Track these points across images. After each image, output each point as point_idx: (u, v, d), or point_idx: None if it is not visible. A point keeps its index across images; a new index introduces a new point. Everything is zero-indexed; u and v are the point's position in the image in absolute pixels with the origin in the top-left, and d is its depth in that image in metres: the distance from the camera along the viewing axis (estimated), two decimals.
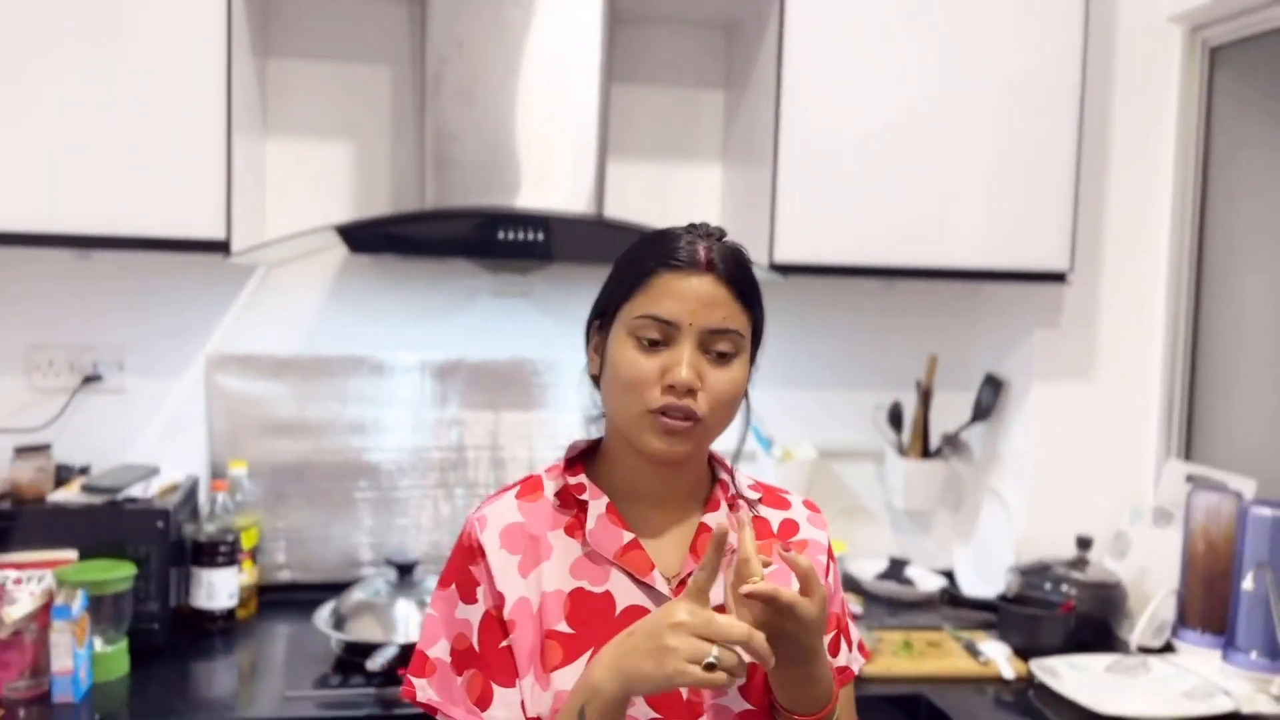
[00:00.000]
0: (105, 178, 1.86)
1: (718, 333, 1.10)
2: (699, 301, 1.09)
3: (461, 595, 1.14)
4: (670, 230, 1.15)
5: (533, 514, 1.16)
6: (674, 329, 1.09)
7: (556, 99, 2.08)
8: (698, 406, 1.09)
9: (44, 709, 1.69)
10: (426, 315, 2.34)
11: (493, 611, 1.12)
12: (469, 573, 1.14)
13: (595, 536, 1.14)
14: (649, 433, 1.10)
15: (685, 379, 1.08)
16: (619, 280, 1.15)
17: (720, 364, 1.10)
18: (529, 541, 1.14)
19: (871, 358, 2.53)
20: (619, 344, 1.12)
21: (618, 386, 1.11)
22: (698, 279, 1.10)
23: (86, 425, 2.20)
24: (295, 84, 2.26)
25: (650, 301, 1.10)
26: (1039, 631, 2.07)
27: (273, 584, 2.26)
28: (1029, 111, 2.16)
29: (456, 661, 1.13)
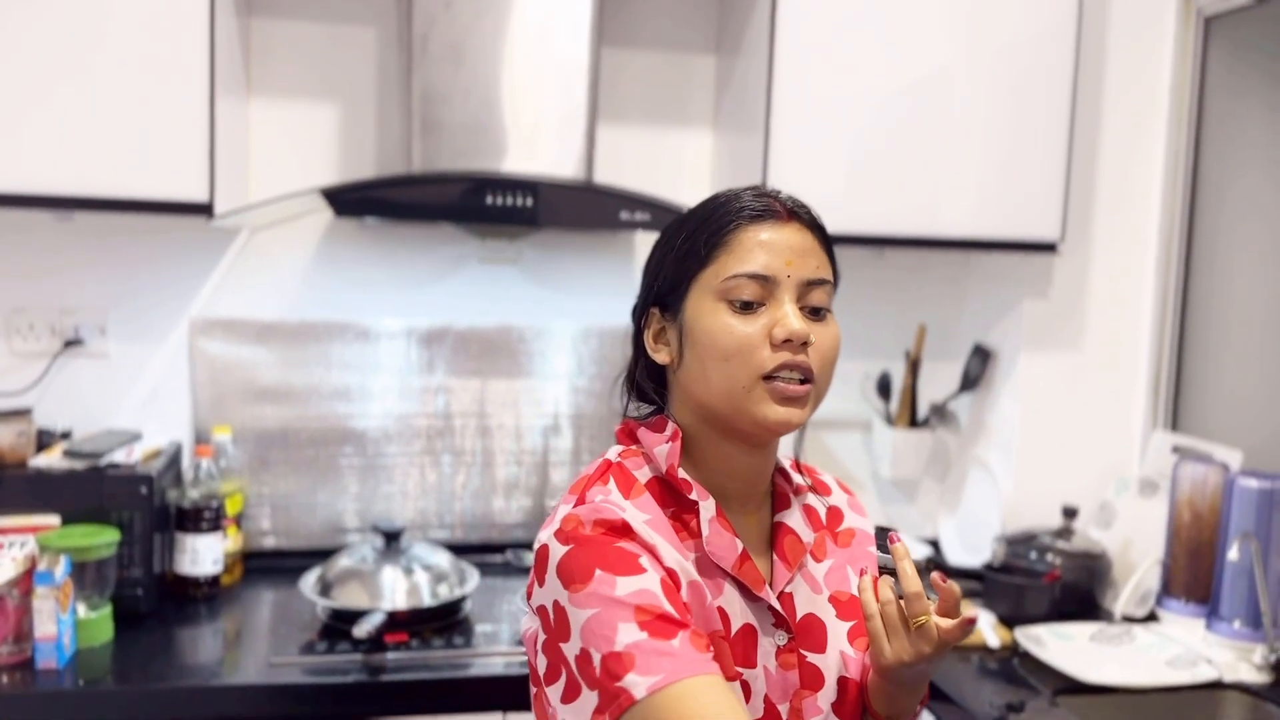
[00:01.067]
0: (86, 138, 1.82)
1: (814, 284, 1.01)
2: (792, 251, 1.00)
3: (620, 570, 0.94)
4: (723, 193, 1.07)
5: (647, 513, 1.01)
6: (771, 284, 1.00)
7: (546, 61, 2.06)
8: (812, 362, 1.00)
9: (27, 674, 1.68)
10: (413, 281, 2.32)
11: (669, 576, 0.97)
12: (619, 549, 0.96)
13: (712, 545, 1.01)
14: (763, 403, 0.98)
15: (801, 329, 0.98)
16: (684, 252, 1.03)
17: (819, 320, 1.02)
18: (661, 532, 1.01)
19: (860, 327, 2.52)
20: (707, 314, 1.00)
21: (715, 359, 0.99)
22: (786, 228, 1.02)
23: (68, 390, 2.17)
24: (279, 44, 2.22)
25: (738, 259, 1.00)
26: (1024, 600, 2.08)
27: (258, 550, 2.25)
28: (1022, 80, 2.14)
29: (655, 628, 0.91)
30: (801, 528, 1.10)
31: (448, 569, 2.00)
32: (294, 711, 1.71)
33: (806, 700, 1.04)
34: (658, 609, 0.92)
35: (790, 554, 1.07)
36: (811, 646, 1.06)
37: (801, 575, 1.07)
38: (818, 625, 1.06)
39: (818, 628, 1.06)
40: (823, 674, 1.05)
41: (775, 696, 1.02)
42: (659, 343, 1.07)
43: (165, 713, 1.67)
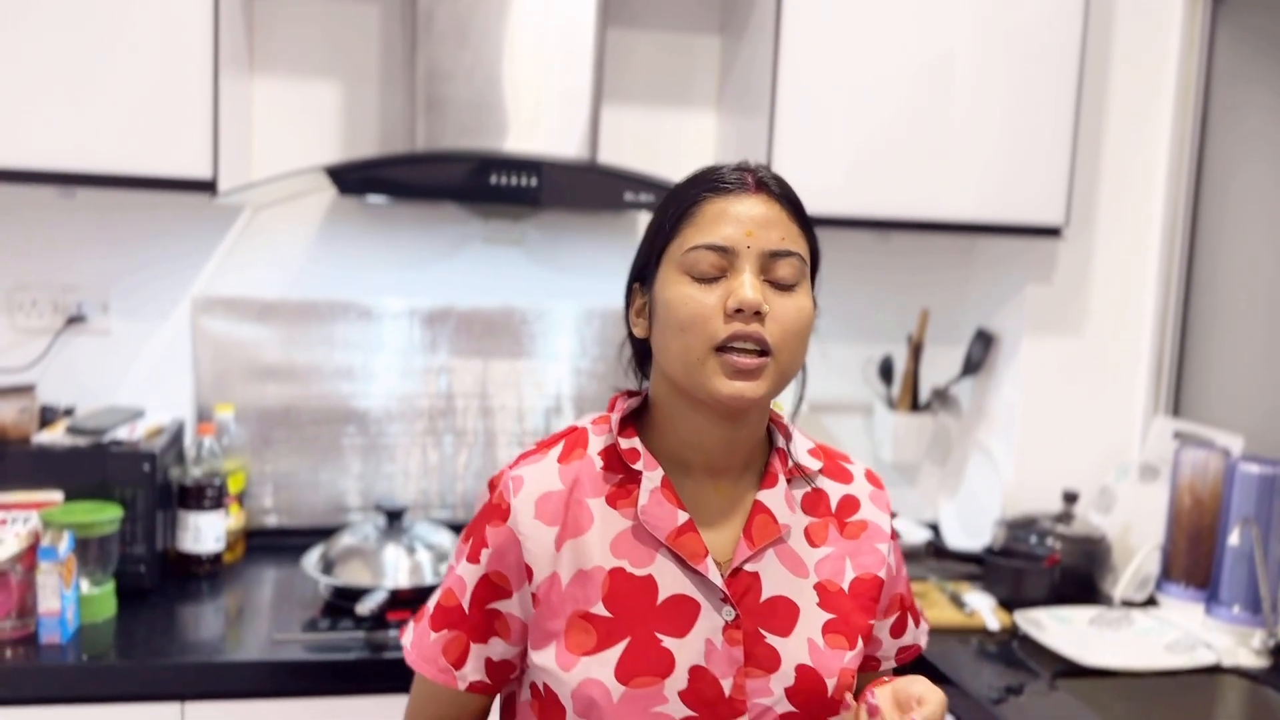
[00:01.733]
0: (89, 113, 1.82)
1: (778, 255, 1.01)
2: (754, 222, 1.00)
3: (469, 552, 1.07)
4: (707, 167, 1.08)
5: (575, 479, 1.06)
6: (731, 255, 1.00)
7: (551, 40, 2.05)
8: (769, 334, 0.99)
9: (31, 649, 1.69)
10: (416, 261, 2.32)
11: (493, 576, 1.05)
12: (483, 532, 1.06)
13: (648, 514, 1.04)
14: (715, 375, 0.99)
15: (752, 298, 0.97)
16: (659, 225, 1.05)
17: (783, 292, 1.01)
18: (568, 511, 1.04)
19: (863, 311, 2.52)
20: (670, 285, 1.02)
21: (674, 329, 1.00)
22: (750, 199, 1.01)
23: (70, 366, 2.17)
24: (282, 21, 2.21)
25: (700, 231, 1.01)
26: (1024, 584, 2.09)
27: (260, 529, 2.25)
28: (1028, 64, 2.13)
29: (438, 617, 1.08)
30: (781, 508, 1.08)
31: (449, 548, 2.00)
32: (296, 688, 1.71)
33: (755, 680, 1.02)
34: (455, 599, 1.07)
35: (758, 533, 1.06)
36: (774, 628, 1.04)
37: (778, 556, 1.06)
38: (787, 608, 1.05)
39: (785, 610, 1.05)
40: (780, 657, 1.04)
41: (718, 670, 1.02)
42: (639, 317, 1.09)
43: (168, 688, 1.68)
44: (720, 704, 1.01)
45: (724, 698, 1.01)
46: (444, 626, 1.07)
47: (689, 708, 1.00)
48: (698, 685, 1.00)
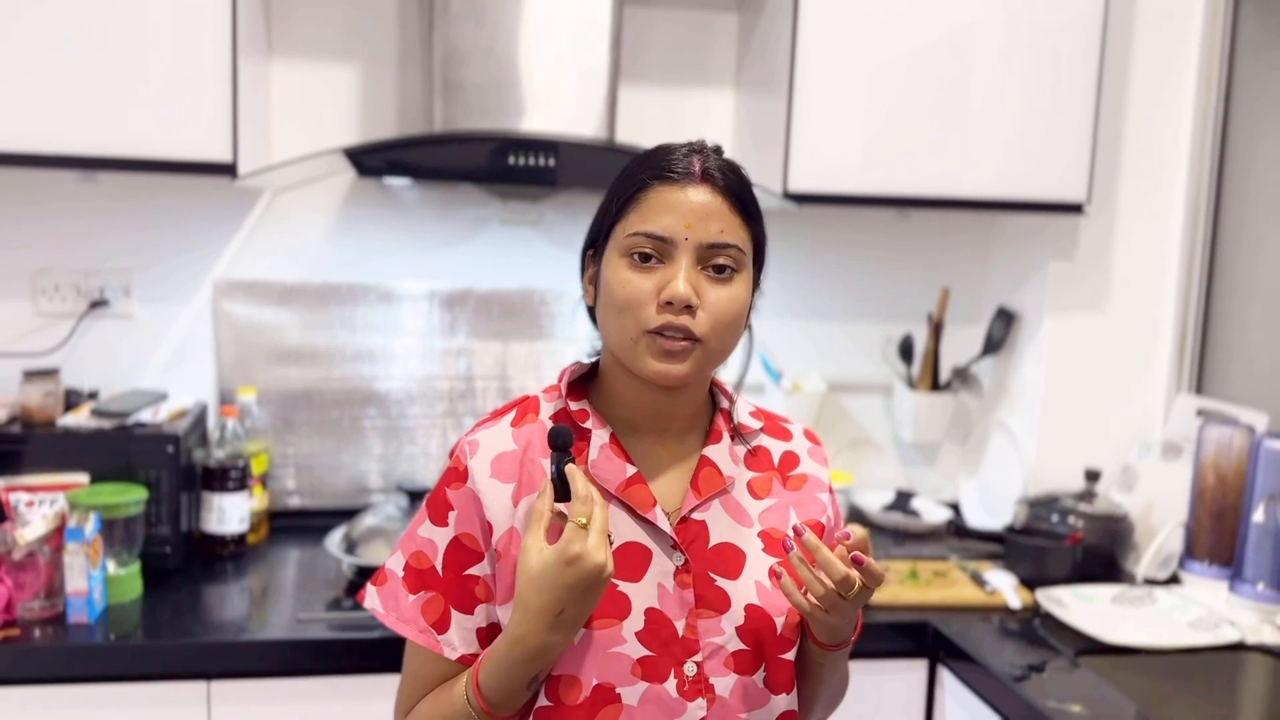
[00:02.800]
0: (110, 97, 1.83)
1: (716, 247, 1.05)
2: (694, 214, 1.04)
3: (433, 516, 1.11)
4: (663, 146, 1.11)
5: (528, 440, 1.12)
6: (669, 245, 1.05)
7: (567, 19, 2.04)
8: (696, 325, 1.04)
9: (59, 629, 1.71)
10: (434, 243, 2.32)
11: (463, 539, 1.09)
12: (445, 495, 1.11)
13: (597, 468, 1.10)
14: (646, 355, 1.05)
15: (682, 293, 1.03)
16: (611, 202, 1.10)
17: (719, 281, 1.06)
18: (523, 469, 1.10)
19: (883, 290, 2.51)
20: (612, 265, 1.07)
21: (612, 309, 1.07)
22: (693, 190, 1.05)
23: (94, 350, 2.19)
24: (300, 4, 2.21)
25: (642, 218, 1.06)
26: (1045, 562, 2.08)
27: (283, 510, 2.27)
28: (1049, 40, 2.11)
29: (410, 578, 1.11)
30: (725, 462, 1.14)
31: None
32: (320, 666, 1.73)
33: (706, 620, 1.08)
34: (428, 562, 1.10)
35: (703, 484, 1.12)
36: (723, 572, 1.10)
37: (723, 506, 1.13)
38: (733, 554, 1.11)
39: (733, 556, 1.11)
40: (729, 598, 1.09)
41: (671, 612, 1.08)
42: (590, 284, 1.14)
43: (194, 666, 1.70)
44: (675, 643, 1.07)
45: (678, 637, 1.07)
46: (421, 588, 1.10)
47: (645, 647, 1.06)
48: (653, 626, 1.07)
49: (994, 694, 1.73)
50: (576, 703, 1.05)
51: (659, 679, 1.06)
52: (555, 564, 0.98)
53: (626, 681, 1.05)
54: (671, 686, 1.06)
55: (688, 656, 1.07)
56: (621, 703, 1.05)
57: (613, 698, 1.05)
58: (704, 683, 1.07)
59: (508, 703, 1.04)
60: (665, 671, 1.06)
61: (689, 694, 1.07)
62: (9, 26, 1.78)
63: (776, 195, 2.08)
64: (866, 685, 1.89)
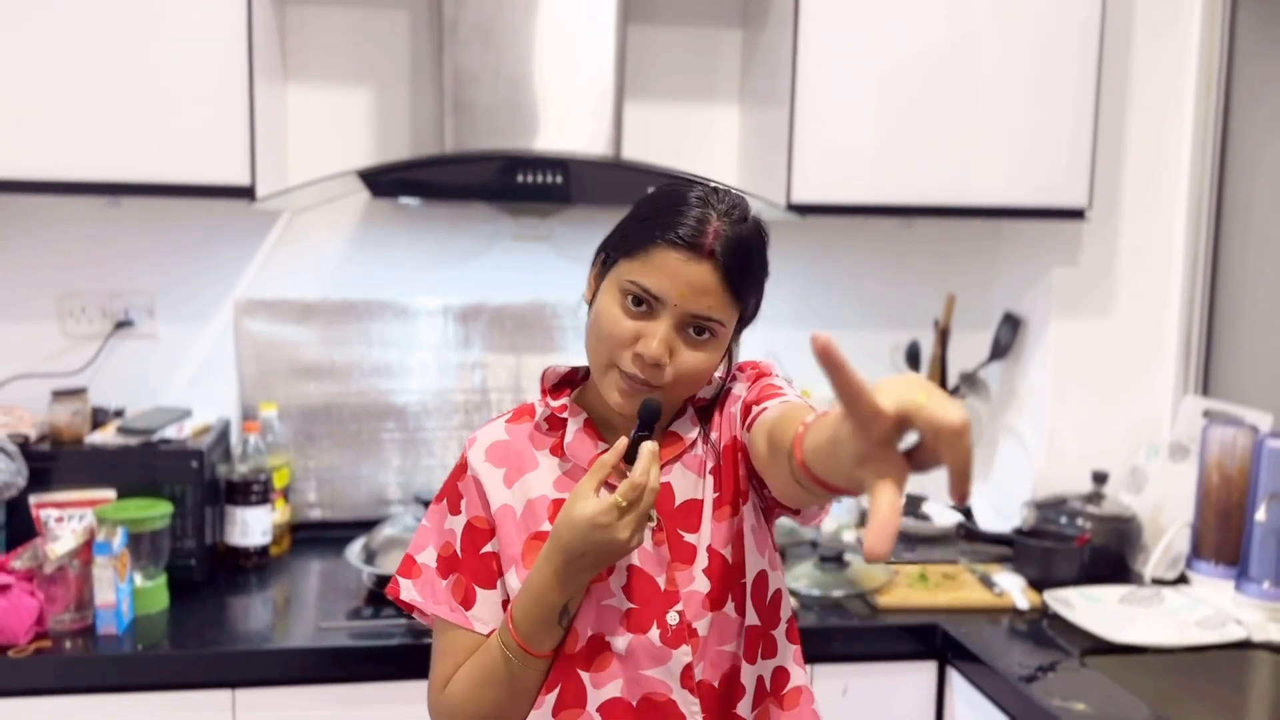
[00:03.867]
0: (132, 125, 1.89)
1: (700, 318, 1.13)
2: (689, 287, 1.11)
3: (449, 508, 1.24)
4: (688, 194, 1.14)
5: (520, 434, 1.24)
6: (658, 303, 1.12)
7: (573, 40, 2.09)
8: (660, 378, 1.13)
9: (89, 640, 1.77)
10: (448, 260, 2.38)
11: (474, 521, 1.21)
12: (456, 488, 1.24)
13: (572, 449, 1.21)
14: (611, 386, 1.15)
15: (654, 353, 1.11)
16: (630, 230, 1.16)
17: (695, 344, 1.14)
18: (515, 456, 1.22)
19: (889, 297, 2.54)
20: (607, 294, 1.16)
21: (596, 334, 1.16)
22: (695, 265, 1.11)
23: (120, 369, 2.25)
24: (314, 29, 2.27)
25: (643, 271, 1.12)
26: (1053, 564, 2.10)
27: (305, 522, 2.33)
28: (1049, 47, 2.14)
29: (442, 567, 1.23)
30: (685, 428, 1.23)
31: None
32: (342, 674, 1.78)
33: (681, 571, 1.18)
34: (452, 549, 1.22)
35: (666, 451, 1.20)
36: (688, 526, 1.20)
37: (685, 465, 1.21)
38: (694, 507, 1.20)
39: (694, 510, 1.20)
40: (695, 548, 1.19)
41: (652, 569, 1.18)
42: (594, 281, 1.21)
43: (219, 675, 1.75)
44: (657, 596, 1.17)
45: (660, 591, 1.17)
46: (450, 572, 1.22)
47: (630, 601, 1.17)
48: (635, 582, 1.17)
49: (1002, 695, 1.75)
50: (574, 651, 1.17)
51: (643, 629, 1.16)
52: (588, 520, 1.08)
53: (615, 632, 1.16)
54: (655, 635, 1.16)
55: (669, 607, 1.17)
56: (612, 651, 1.16)
57: (605, 646, 1.16)
58: (687, 628, 1.16)
59: (540, 635, 1.14)
60: (648, 622, 1.16)
61: (673, 641, 1.16)
62: (31, 57, 1.85)
63: (780, 207, 2.11)
64: (876, 687, 1.93)
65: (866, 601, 2.01)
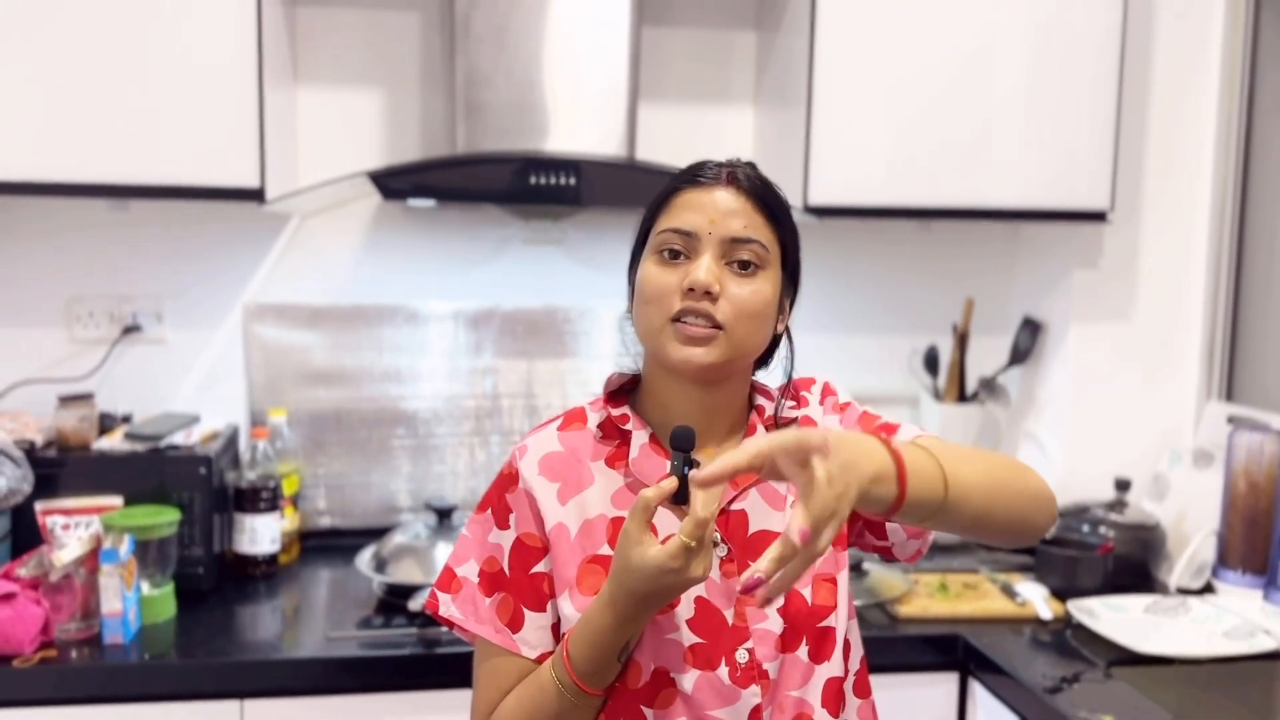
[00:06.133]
0: (140, 127, 1.87)
1: (739, 241, 1.09)
2: (717, 210, 1.09)
3: (496, 520, 1.16)
4: (696, 162, 1.16)
5: (575, 444, 1.17)
6: (694, 240, 1.10)
7: (587, 41, 2.07)
8: (718, 311, 1.08)
9: (95, 649, 1.74)
10: (459, 264, 2.35)
11: (524, 539, 1.14)
12: (504, 499, 1.16)
13: (638, 465, 1.14)
14: (670, 341, 1.09)
15: (702, 279, 1.07)
16: (649, 211, 1.16)
17: (743, 276, 1.10)
18: (570, 470, 1.15)
19: (907, 301, 2.51)
20: (644, 264, 1.14)
21: (641, 302, 1.13)
22: (719, 190, 1.11)
23: (127, 375, 2.23)
24: (325, 31, 2.25)
25: (671, 217, 1.11)
26: (1076, 573, 2.06)
27: (314, 530, 2.30)
28: (1069, 48, 2.11)
29: (485, 583, 1.16)
30: None
31: None
32: (352, 684, 1.74)
33: (751, 606, 1.10)
34: (498, 565, 1.15)
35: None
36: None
37: (760, 494, 1.14)
38: (770, 539, 1.12)
39: (770, 541, 1.10)
40: None
41: (719, 602, 1.11)
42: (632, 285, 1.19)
43: (227, 685, 1.72)
44: (725, 631, 1.10)
45: (728, 626, 1.10)
46: (494, 590, 1.15)
47: (697, 635, 1.10)
48: (703, 615, 1.10)
49: (1026, 706, 1.71)
50: (638, 686, 1.10)
51: (710, 666, 1.09)
52: (656, 567, 1.00)
53: (680, 668, 1.09)
54: (724, 674, 1.09)
55: (739, 644, 1.10)
56: (677, 688, 1.09)
57: (668, 682, 1.09)
58: (757, 668, 1.10)
59: (599, 673, 1.07)
60: (717, 659, 1.09)
61: (742, 680, 1.10)
62: (40, 59, 1.83)
63: (798, 209, 2.08)
64: (897, 699, 1.88)
65: (886, 611, 1.97)
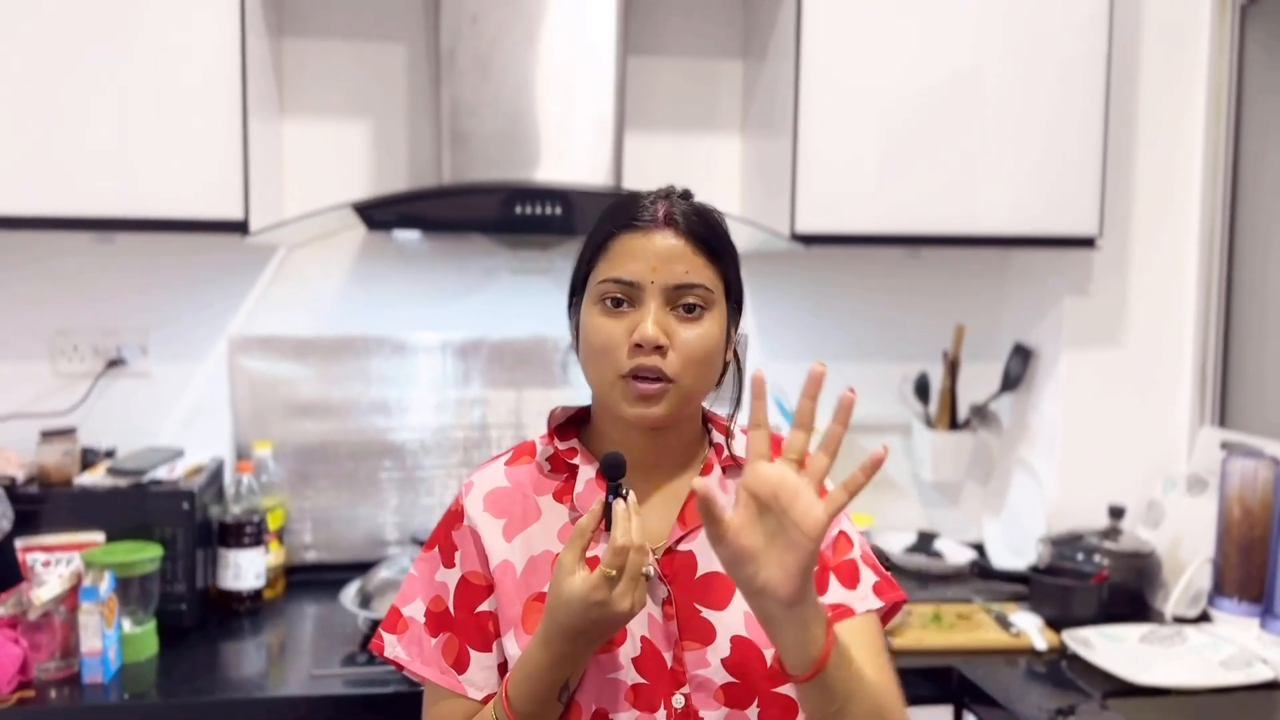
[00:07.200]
0: (124, 160, 1.86)
1: (682, 288, 1.08)
2: (659, 258, 1.07)
3: (442, 559, 1.16)
4: (631, 194, 1.14)
5: (521, 479, 1.16)
6: (637, 290, 1.08)
7: (573, 71, 2.06)
8: (668, 366, 1.07)
9: (74, 689, 1.71)
10: (447, 294, 2.34)
11: (469, 577, 1.13)
12: (450, 537, 1.15)
13: (583, 501, 1.13)
14: (622, 399, 1.08)
15: (650, 334, 1.05)
16: (585, 251, 1.14)
17: (689, 320, 1.08)
18: (516, 505, 1.14)
19: (897, 328, 2.50)
20: (587, 312, 1.11)
21: (589, 354, 1.10)
22: (657, 235, 1.08)
23: (111, 409, 2.21)
24: (310, 63, 2.25)
25: (611, 265, 1.09)
26: (1071, 602, 2.04)
27: (299, 564, 2.27)
28: (1055, 74, 2.11)
29: (431, 623, 1.14)
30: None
31: None
32: None
33: (692, 652, 1.09)
34: (443, 604, 1.14)
35: (690, 516, 1.13)
36: (710, 603, 1.11)
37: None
38: (721, 583, 1.11)
39: (720, 585, 1.11)
40: (714, 629, 1.10)
41: (659, 643, 1.10)
42: (575, 326, 1.17)
43: None
44: (663, 674, 1.09)
45: (667, 669, 1.09)
46: (440, 630, 1.14)
47: (640, 675, 1.09)
48: (647, 655, 1.09)
49: None
50: None
51: (650, 709, 1.08)
52: (581, 599, 0.99)
53: (620, 708, 1.08)
54: (661, 717, 1.08)
55: (676, 688, 1.09)
56: None
57: None
58: (693, 715, 1.08)
59: (537, 714, 1.05)
60: (656, 701, 1.09)
61: None
62: (24, 92, 1.82)
63: (784, 238, 2.08)
64: None
65: None
